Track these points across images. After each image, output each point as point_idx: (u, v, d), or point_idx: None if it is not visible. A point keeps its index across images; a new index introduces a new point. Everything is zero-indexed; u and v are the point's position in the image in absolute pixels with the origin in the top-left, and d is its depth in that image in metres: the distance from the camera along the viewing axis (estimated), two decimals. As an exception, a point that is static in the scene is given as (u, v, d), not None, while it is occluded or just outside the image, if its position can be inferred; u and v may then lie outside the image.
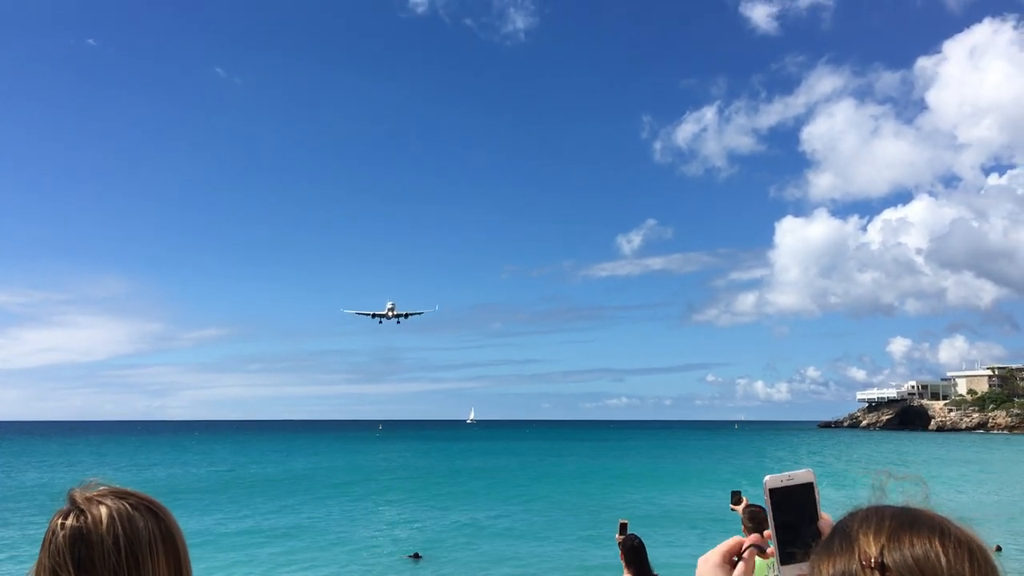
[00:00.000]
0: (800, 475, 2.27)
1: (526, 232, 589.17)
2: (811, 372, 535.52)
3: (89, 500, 3.03)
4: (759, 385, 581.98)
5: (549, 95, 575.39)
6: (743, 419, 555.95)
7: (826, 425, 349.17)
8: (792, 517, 2.25)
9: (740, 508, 14.80)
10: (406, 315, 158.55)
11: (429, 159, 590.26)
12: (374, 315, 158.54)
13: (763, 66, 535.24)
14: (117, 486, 3.11)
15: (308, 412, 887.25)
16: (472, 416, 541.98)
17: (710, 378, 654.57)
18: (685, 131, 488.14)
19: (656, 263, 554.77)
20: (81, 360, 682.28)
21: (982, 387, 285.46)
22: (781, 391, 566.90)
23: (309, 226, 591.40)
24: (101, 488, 3.10)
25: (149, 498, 3.13)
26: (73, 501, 3.05)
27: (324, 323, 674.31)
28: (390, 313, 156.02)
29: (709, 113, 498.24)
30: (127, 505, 3.01)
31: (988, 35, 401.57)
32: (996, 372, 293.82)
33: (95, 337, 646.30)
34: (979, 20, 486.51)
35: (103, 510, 2.98)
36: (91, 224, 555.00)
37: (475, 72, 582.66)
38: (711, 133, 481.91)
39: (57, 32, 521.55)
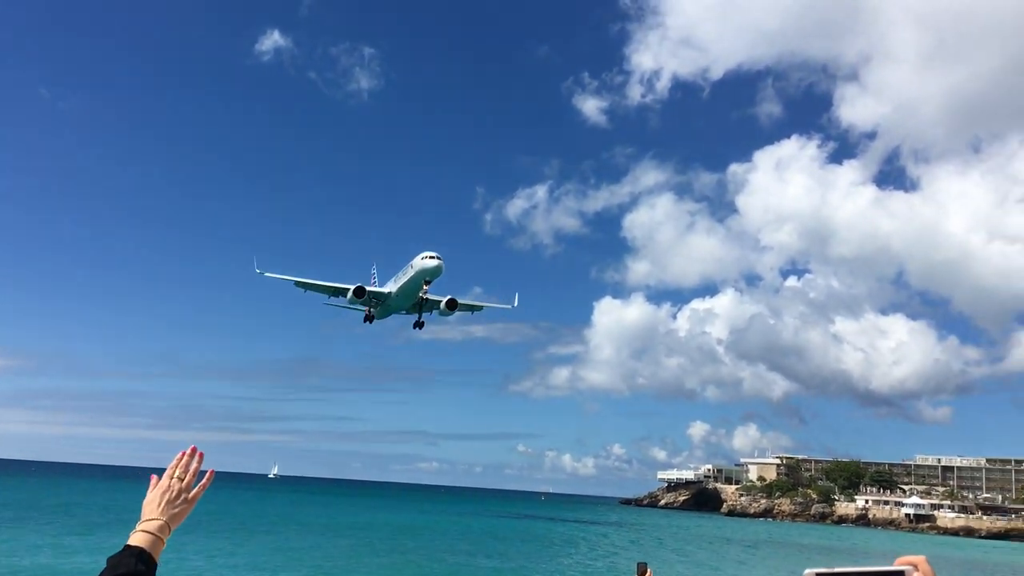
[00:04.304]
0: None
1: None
2: (616, 449, 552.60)
3: None
4: (567, 459, 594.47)
5: (388, 156, 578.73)
6: (550, 491, 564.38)
7: (627, 502, 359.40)
8: None
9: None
10: (445, 306, 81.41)
11: (252, 204, 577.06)
12: (367, 295, 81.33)
13: (595, 153, 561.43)
14: None
15: (100, 456, 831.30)
16: (275, 471, 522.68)
17: (521, 448, 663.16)
18: (516, 206, 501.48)
19: (479, 331, 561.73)
20: None
21: (771, 475, 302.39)
22: (587, 466, 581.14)
23: (120, 263, 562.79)
24: None
25: None
26: None
27: (124, 363, 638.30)
28: (424, 297, 78.50)
29: (540, 191, 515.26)
30: None
31: (794, 150, 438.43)
32: (784, 461, 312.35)
33: None
34: (788, 136, 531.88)
35: None
36: None
37: (316, 125, 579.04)
38: (541, 211, 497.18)
39: None
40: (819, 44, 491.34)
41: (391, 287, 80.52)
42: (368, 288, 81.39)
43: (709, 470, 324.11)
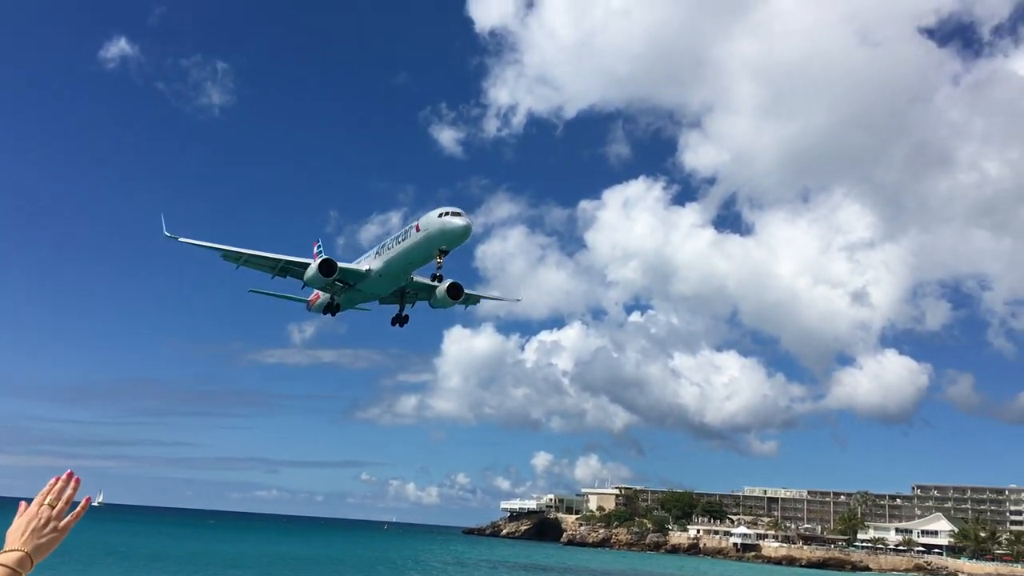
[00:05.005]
0: None
1: (195, 307, 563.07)
2: (461, 478, 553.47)
3: None
4: (411, 487, 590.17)
5: (237, 173, 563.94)
6: (393, 520, 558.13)
7: (470, 532, 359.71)
8: None
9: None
10: (446, 293, 63.97)
11: (94, 217, 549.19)
12: (337, 274, 60.40)
13: (450, 183, 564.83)
14: None
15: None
16: (100, 498, 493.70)
17: (364, 476, 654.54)
18: (369, 232, 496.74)
19: (327, 355, 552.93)
20: None
21: (610, 504, 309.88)
22: (431, 495, 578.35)
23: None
24: None
25: None
26: None
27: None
28: (437, 274, 60.53)
29: (395, 218, 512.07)
30: None
31: (641, 190, 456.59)
32: (623, 492, 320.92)
33: None
34: (635, 177, 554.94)
35: None
36: None
37: (161, 138, 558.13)
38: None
39: None
40: (667, 91, 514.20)
41: (372, 263, 60.64)
42: (340, 264, 60.13)
43: (551, 500, 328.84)
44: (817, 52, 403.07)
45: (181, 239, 60.24)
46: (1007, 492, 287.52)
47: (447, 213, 55.26)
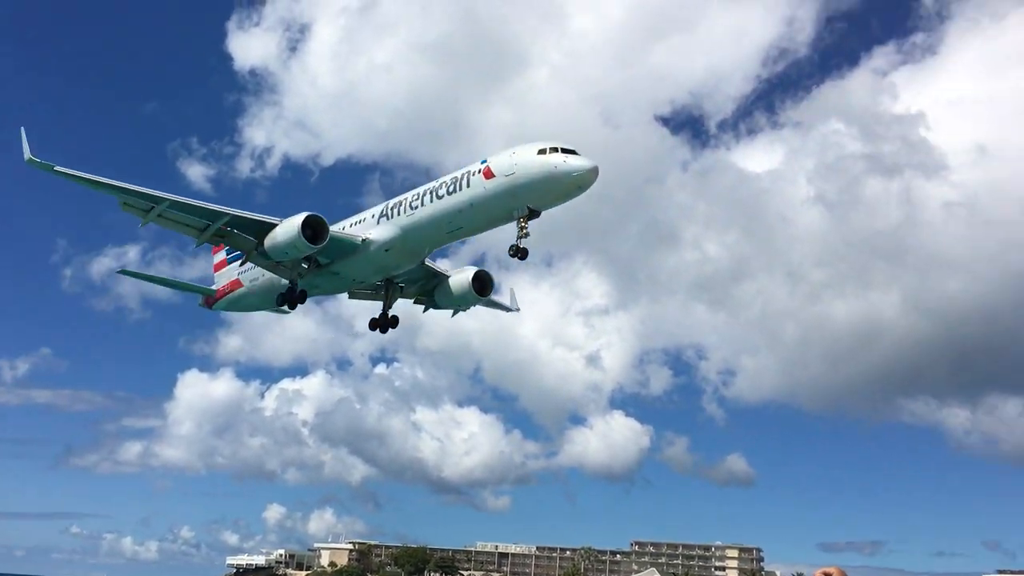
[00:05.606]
0: None
1: None
2: (185, 532, 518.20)
3: None
4: (127, 542, 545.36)
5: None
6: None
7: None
8: None
9: None
10: (471, 287, 55.68)
11: None
12: (328, 244, 46.54)
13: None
14: None
15: None
16: None
17: (75, 530, 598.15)
18: (103, 265, 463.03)
19: (42, 396, 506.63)
20: None
21: (343, 560, 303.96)
22: (151, 550, 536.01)
23: None
24: None
25: None
26: None
27: None
28: (520, 256, 48.42)
29: (132, 252, 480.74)
30: None
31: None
32: (356, 547, 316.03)
33: None
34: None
35: None
36: None
37: None
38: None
39: None
40: (424, 149, 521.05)
41: (373, 231, 44.12)
42: (333, 229, 43.47)
43: (281, 555, 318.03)
44: (565, 127, 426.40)
45: (58, 168, 43.54)
46: (713, 549, 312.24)
47: (555, 149, 36.96)
